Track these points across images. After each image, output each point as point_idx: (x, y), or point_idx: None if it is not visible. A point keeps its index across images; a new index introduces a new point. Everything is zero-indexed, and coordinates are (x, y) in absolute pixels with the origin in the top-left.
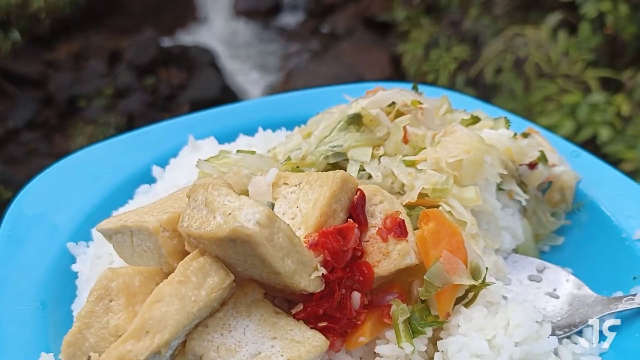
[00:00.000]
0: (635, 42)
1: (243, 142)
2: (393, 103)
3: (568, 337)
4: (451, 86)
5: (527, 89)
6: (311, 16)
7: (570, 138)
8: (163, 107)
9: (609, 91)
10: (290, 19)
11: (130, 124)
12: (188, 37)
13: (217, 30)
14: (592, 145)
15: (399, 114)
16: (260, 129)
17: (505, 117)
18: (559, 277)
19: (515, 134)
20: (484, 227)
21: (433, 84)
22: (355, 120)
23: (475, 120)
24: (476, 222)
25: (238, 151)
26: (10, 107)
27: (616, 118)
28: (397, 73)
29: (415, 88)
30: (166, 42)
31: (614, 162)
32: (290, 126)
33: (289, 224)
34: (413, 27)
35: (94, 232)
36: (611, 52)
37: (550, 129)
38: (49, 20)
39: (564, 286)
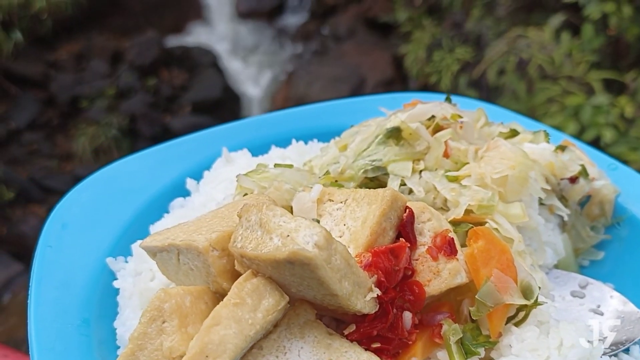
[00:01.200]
0: (639, 44)
1: (276, 154)
2: (432, 116)
3: (615, 355)
4: (454, 88)
5: (530, 91)
6: (313, 17)
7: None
8: (165, 107)
9: (613, 93)
10: (292, 20)
11: (132, 124)
12: (190, 38)
13: (219, 31)
14: (595, 147)
15: (438, 128)
16: (294, 140)
17: (545, 131)
18: (603, 293)
19: (557, 148)
20: (526, 242)
21: (435, 85)
22: (395, 134)
23: (514, 133)
24: (522, 239)
25: (276, 165)
26: (13, 107)
27: (620, 120)
28: (399, 74)
29: (448, 100)
30: (168, 43)
31: None
32: (322, 137)
33: (345, 246)
34: (415, 28)
35: (134, 248)
36: (614, 53)
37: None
38: (51, 21)
39: (608, 302)
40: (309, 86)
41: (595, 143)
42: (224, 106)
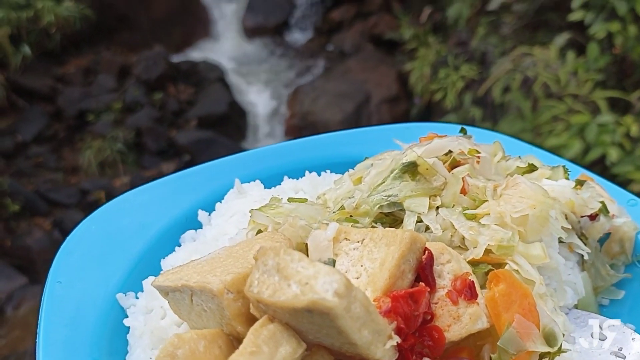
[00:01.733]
0: None
1: (289, 185)
2: (449, 151)
3: None
4: (459, 105)
5: (535, 109)
6: (319, 33)
7: (579, 158)
8: (171, 122)
9: (618, 111)
10: (298, 36)
11: (138, 138)
12: (197, 53)
13: (226, 46)
14: (601, 166)
15: (456, 163)
16: (307, 172)
17: (564, 167)
18: (625, 335)
19: (576, 185)
20: (546, 282)
21: (440, 102)
22: (411, 169)
23: (532, 168)
24: (543, 281)
25: (290, 199)
26: (20, 120)
27: (625, 139)
28: (404, 91)
29: (463, 131)
30: (175, 58)
31: (624, 182)
32: (335, 168)
33: (364, 292)
34: (420, 45)
35: (145, 284)
36: (620, 72)
37: (559, 149)
38: (60, 35)
39: (630, 345)
40: (314, 102)
41: (601, 162)
42: (230, 121)
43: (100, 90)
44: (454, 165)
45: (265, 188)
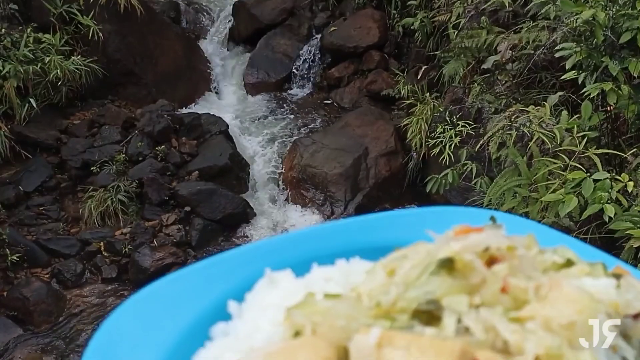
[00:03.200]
0: (638, 120)
1: (319, 274)
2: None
3: None
4: (456, 160)
5: (531, 165)
6: (318, 89)
7: (576, 215)
8: (172, 173)
9: (614, 168)
10: (298, 92)
11: (140, 189)
12: (200, 107)
13: (228, 101)
14: (599, 223)
15: (493, 259)
16: (337, 260)
17: (603, 263)
18: None
19: (618, 284)
20: None
21: (437, 157)
22: (447, 265)
23: (570, 264)
24: None
25: (325, 295)
26: (23, 171)
27: (622, 195)
28: (401, 146)
29: (493, 220)
30: (179, 112)
31: (622, 239)
32: (364, 254)
33: None
34: (417, 101)
35: None
36: (614, 129)
37: (556, 205)
38: (65, 88)
39: None
40: (312, 155)
41: (598, 218)
42: (231, 173)
43: (104, 142)
44: (492, 261)
45: (296, 276)
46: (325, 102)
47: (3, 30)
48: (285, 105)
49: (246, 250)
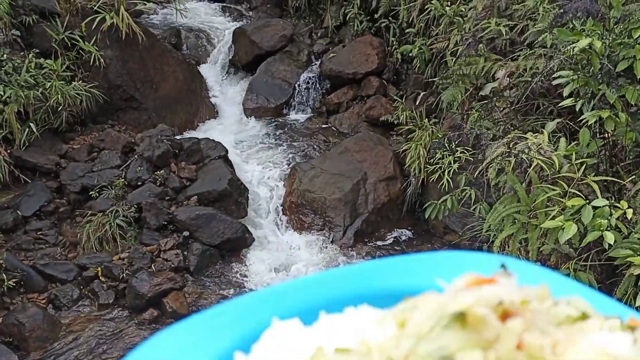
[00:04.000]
0: (636, 147)
1: (328, 324)
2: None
3: None
4: (455, 186)
5: (529, 191)
6: (317, 115)
7: (576, 242)
8: (171, 198)
9: (613, 195)
10: (297, 117)
11: (138, 214)
12: (200, 132)
13: (228, 125)
14: (598, 250)
15: (507, 313)
16: (345, 307)
17: (618, 316)
18: None
19: (635, 338)
20: None
21: (436, 183)
22: (459, 318)
23: (584, 317)
24: None
25: (336, 350)
26: (22, 195)
27: (621, 222)
28: (400, 171)
29: (504, 268)
30: (178, 137)
31: (622, 266)
32: (373, 301)
33: None
34: (416, 127)
35: None
36: (612, 156)
37: (556, 232)
38: (66, 113)
39: None
40: (311, 180)
41: (598, 245)
42: (230, 198)
43: (104, 166)
44: (506, 315)
45: (303, 324)
46: (324, 127)
47: (5, 55)
48: (284, 130)
49: (253, 298)
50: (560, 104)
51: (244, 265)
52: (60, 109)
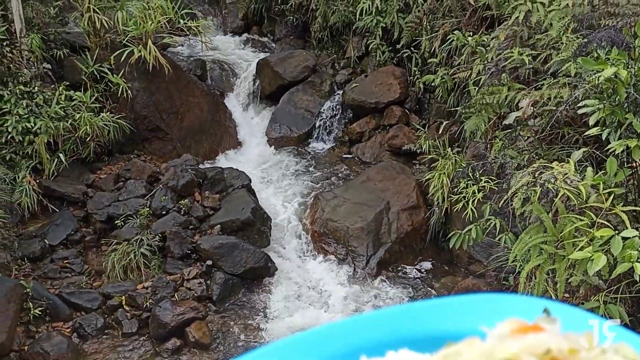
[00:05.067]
0: None
1: None
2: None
3: None
4: (479, 215)
5: (556, 221)
6: (340, 144)
7: (605, 273)
8: (195, 227)
9: None
10: (320, 146)
11: (162, 243)
12: (223, 161)
13: (251, 155)
14: (629, 281)
15: None
16: (387, 352)
17: None
18: None
19: None
20: None
21: (460, 212)
22: None
23: None
24: None
25: None
26: (50, 224)
27: None
28: (423, 200)
29: (547, 312)
30: (202, 166)
31: None
32: (413, 346)
33: None
34: (438, 156)
35: None
36: None
37: (584, 263)
38: (94, 143)
39: None
40: (334, 209)
41: (628, 277)
42: (253, 227)
43: (129, 195)
44: None
45: None
46: (346, 156)
47: (36, 88)
48: (307, 159)
49: (292, 342)
50: (586, 133)
51: (267, 294)
52: (88, 139)
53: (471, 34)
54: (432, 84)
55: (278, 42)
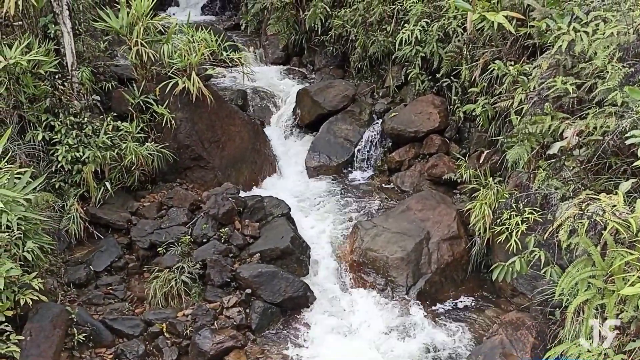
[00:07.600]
0: None
1: None
2: None
3: None
4: (523, 247)
5: (604, 254)
6: (379, 172)
7: None
8: (235, 255)
9: None
10: (359, 175)
11: (203, 270)
12: (263, 190)
13: (291, 183)
14: None
15: None
16: None
17: None
18: None
19: None
20: None
21: (503, 244)
22: None
23: None
24: None
25: None
26: (95, 251)
27: None
28: (464, 230)
29: None
30: (243, 194)
31: None
32: None
33: None
34: (480, 185)
35: None
36: None
37: (635, 299)
38: (139, 172)
39: None
40: (373, 239)
41: None
42: (292, 255)
43: (171, 223)
44: None
45: None
46: (386, 185)
47: (85, 119)
48: (346, 188)
49: None
50: (635, 164)
51: (305, 324)
52: (133, 168)
53: (512, 63)
54: (473, 113)
55: (317, 72)
